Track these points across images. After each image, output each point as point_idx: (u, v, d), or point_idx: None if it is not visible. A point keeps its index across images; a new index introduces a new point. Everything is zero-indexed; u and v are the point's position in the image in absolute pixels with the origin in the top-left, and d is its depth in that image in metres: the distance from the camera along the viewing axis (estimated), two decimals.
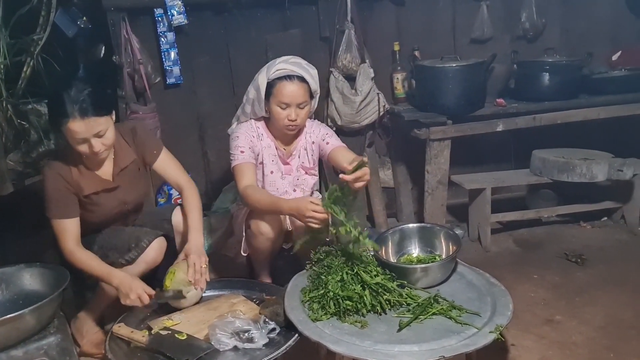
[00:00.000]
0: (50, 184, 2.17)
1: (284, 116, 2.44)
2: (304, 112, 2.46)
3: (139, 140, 2.37)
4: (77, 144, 2.09)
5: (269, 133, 2.58)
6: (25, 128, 4.73)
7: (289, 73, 2.43)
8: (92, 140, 2.08)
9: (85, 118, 2.03)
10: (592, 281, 2.75)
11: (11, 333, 1.69)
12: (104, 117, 2.09)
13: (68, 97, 2.02)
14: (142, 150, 2.38)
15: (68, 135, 2.07)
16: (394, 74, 3.51)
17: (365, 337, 1.88)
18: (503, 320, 1.92)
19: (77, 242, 2.18)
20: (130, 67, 3.23)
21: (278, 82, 2.43)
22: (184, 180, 2.42)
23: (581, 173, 3.12)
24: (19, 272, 1.99)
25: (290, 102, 2.42)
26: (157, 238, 2.30)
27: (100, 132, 2.09)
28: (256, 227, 2.39)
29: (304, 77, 2.44)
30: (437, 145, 3.09)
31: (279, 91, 2.42)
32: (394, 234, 2.41)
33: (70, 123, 2.02)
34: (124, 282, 2.10)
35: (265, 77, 2.46)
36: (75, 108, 2.01)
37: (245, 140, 2.51)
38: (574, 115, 3.20)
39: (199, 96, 3.47)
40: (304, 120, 2.51)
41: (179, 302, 2.18)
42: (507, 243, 3.29)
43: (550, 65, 3.21)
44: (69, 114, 2.01)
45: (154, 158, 2.40)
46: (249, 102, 2.55)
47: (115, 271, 2.16)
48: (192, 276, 2.17)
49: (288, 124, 2.46)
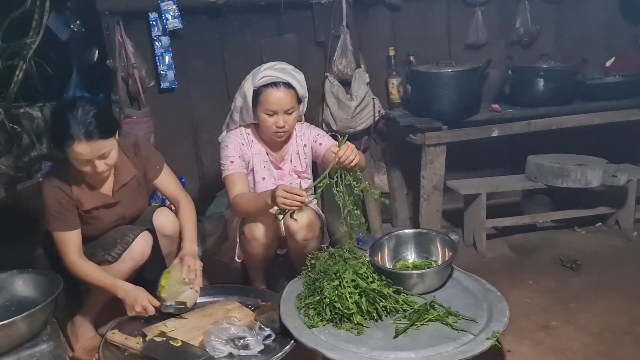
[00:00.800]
0: (50, 197, 2.14)
1: (272, 123, 2.43)
2: (291, 117, 2.45)
3: (143, 155, 2.35)
4: (81, 165, 2.07)
5: (259, 139, 2.57)
6: (17, 132, 4.70)
7: (274, 80, 2.41)
8: (95, 162, 2.06)
9: (91, 141, 2.00)
10: (587, 287, 2.75)
11: (3, 340, 1.67)
12: (109, 140, 2.07)
13: (74, 118, 1.99)
14: (144, 166, 2.36)
15: (72, 155, 2.05)
16: (389, 79, 3.52)
17: (361, 343, 1.87)
18: (499, 327, 1.91)
19: (79, 253, 2.17)
20: (124, 71, 3.21)
21: (264, 89, 2.41)
22: (182, 195, 2.42)
23: (576, 179, 3.12)
24: (11, 278, 1.96)
25: (277, 109, 2.40)
26: (142, 233, 2.28)
27: (104, 153, 2.07)
28: (250, 232, 2.37)
29: (290, 83, 2.42)
30: (433, 151, 3.08)
31: (265, 99, 2.40)
32: (389, 239, 2.40)
33: (76, 145, 1.99)
34: (129, 294, 2.10)
35: (251, 85, 2.44)
36: (81, 130, 1.98)
37: (234, 150, 2.49)
38: (568, 121, 3.20)
39: (193, 100, 3.45)
40: (292, 127, 2.50)
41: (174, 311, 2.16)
42: (502, 248, 3.29)
43: (545, 71, 3.22)
44: (74, 136, 1.98)
45: (156, 174, 2.39)
46: (237, 109, 2.53)
47: (120, 282, 2.15)
48: (187, 274, 2.16)
49: (276, 131, 2.44)
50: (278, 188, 2.15)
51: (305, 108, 2.60)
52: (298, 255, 2.46)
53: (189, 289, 2.16)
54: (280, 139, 2.49)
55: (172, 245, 2.42)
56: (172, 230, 2.38)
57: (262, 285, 2.61)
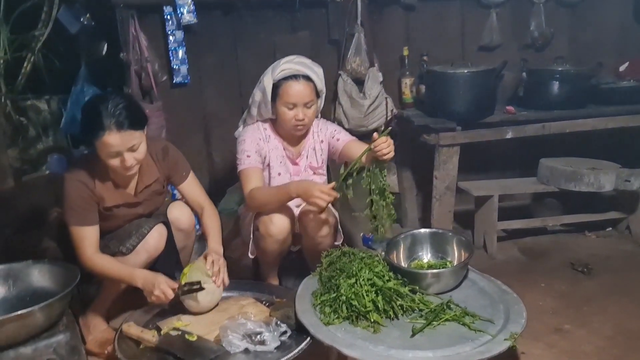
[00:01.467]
0: (72, 191, 2.13)
1: (291, 116, 2.42)
2: (311, 111, 2.44)
3: (171, 160, 2.35)
4: (110, 158, 2.06)
5: (277, 134, 2.56)
6: (23, 124, 4.69)
7: (294, 73, 2.41)
8: (125, 154, 2.06)
9: (122, 131, 2.01)
10: (599, 291, 2.74)
11: (20, 330, 1.66)
12: (139, 131, 2.08)
13: (105, 109, 2.00)
14: (171, 171, 2.36)
15: (101, 148, 2.04)
16: (403, 79, 3.51)
17: (378, 342, 1.86)
18: (517, 328, 1.90)
19: (96, 249, 2.15)
20: (137, 64, 3.21)
21: (284, 82, 2.41)
22: (207, 202, 2.42)
23: (589, 182, 3.12)
24: (27, 269, 1.95)
25: (297, 102, 2.40)
26: (157, 225, 2.27)
27: (134, 146, 2.07)
28: (265, 229, 2.36)
29: (310, 76, 2.42)
30: (446, 151, 3.07)
31: (285, 92, 2.40)
32: (405, 238, 2.39)
33: (107, 136, 2.00)
34: (147, 280, 2.08)
35: (270, 79, 2.44)
36: (112, 121, 2.00)
37: (251, 144, 2.48)
38: (582, 124, 3.20)
39: (205, 96, 3.45)
40: (311, 120, 2.49)
41: (197, 300, 2.12)
42: (513, 251, 3.28)
43: (560, 74, 3.22)
44: (105, 127, 1.99)
45: (182, 180, 2.39)
46: (255, 104, 2.53)
47: (137, 270, 2.13)
48: (211, 268, 2.15)
49: (296, 124, 2.43)
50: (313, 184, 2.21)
51: (322, 103, 2.60)
52: (312, 252, 2.45)
53: (211, 282, 2.13)
54: (299, 132, 2.48)
55: (187, 239, 2.41)
56: (187, 224, 2.37)
57: (274, 281, 2.60)
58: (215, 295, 2.18)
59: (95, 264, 2.12)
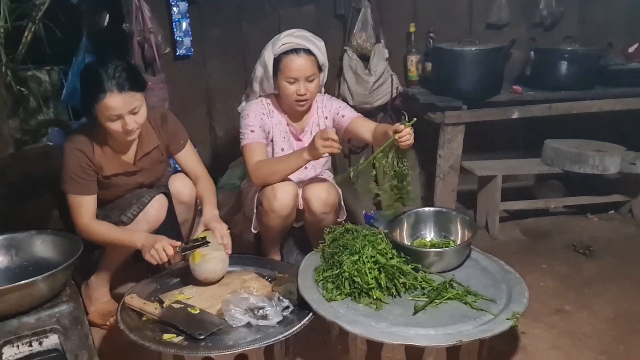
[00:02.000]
0: (71, 159, 2.12)
1: (293, 91, 2.39)
2: (313, 85, 2.40)
3: (170, 128, 2.33)
4: (111, 122, 2.04)
5: (280, 110, 2.53)
6: (24, 95, 4.64)
7: (294, 47, 2.37)
8: (126, 118, 2.03)
9: (123, 92, 1.99)
10: (600, 273, 2.75)
11: (23, 300, 1.65)
12: (139, 93, 2.06)
13: (105, 72, 1.98)
14: (169, 139, 2.34)
15: (102, 111, 2.02)
16: (409, 56, 3.47)
17: (380, 318, 1.86)
18: (519, 308, 1.90)
19: (93, 216, 2.15)
20: (140, 35, 3.16)
21: (284, 56, 2.37)
22: (202, 171, 2.40)
23: (593, 165, 3.10)
24: (30, 239, 1.94)
25: (298, 76, 2.36)
26: (158, 195, 2.25)
27: (135, 108, 2.05)
28: (268, 204, 2.34)
29: (311, 49, 2.38)
30: (451, 130, 3.05)
31: (286, 66, 2.36)
32: (409, 216, 2.38)
33: (108, 98, 1.98)
34: (147, 239, 2.07)
35: (271, 53, 2.40)
36: (113, 83, 1.97)
37: (255, 119, 2.45)
38: (590, 105, 3.17)
39: (209, 69, 3.41)
40: (314, 94, 2.45)
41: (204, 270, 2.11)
42: (514, 232, 3.28)
43: (569, 54, 3.17)
44: (106, 89, 1.97)
45: (180, 148, 2.37)
46: (257, 80, 2.49)
47: (137, 232, 2.13)
48: (221, 239, 2.13)
49: (297, 99, 2.40)
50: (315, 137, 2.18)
51: (325, 77, 2.56)
52: (314, 228, 2.44)
53: (223, 253, 2.13)
54: (302, 107, 2.45)
55: (188, 212, 2.40)
56: (188, 197, 2.36)
57: (276, 257, 2.60)
58: (226, 264, 2.18)
59: (93, 230, 2.11)
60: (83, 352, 1.77)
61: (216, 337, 1.83)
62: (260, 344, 1.79)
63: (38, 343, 1.70)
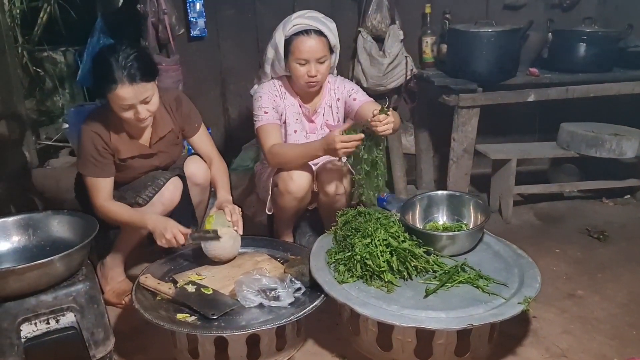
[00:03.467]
0: (88, 141, 2.14)
1: (304, 73, 2.37)
2: (324, 67, 2.39)
3: (184, 111, 2.34)
4: (123, 111, 2.06)
5: (292, 91, 2.52)
6: (40, 76, 4.68)
7: (305, 28, 2.35)
8: (138, 107, 2.05)
9: (134, 84, 2.00)
10: (614, 258, 2.73)
11: (42, 278, 1.68)
12: (150, 83, 2.06)
13: (116, 62, 1.98)
14: (184, 122, 2.35)
15: (114, 101, 2.03)
16: (424, 38, 3.42)
17: (391, 301, 1.88)
18: (531, 292, 1.90)
19: (109, 197, 2.18)
20: (154, 16, 3.15)
21: (295, 38, 2.36)
22: (215, 154, 2.42)
23: (610, 149, 3.06)
24: (47, 219, 1.97)
25: (308, 57, 2.35)
26: (173, 178, 2.27)
27: (147, 98, 2.05)
28: (284, 185, 2.35)
29: (322, 30, 2.36)
30: (466, 113, 3.02)
31: (297, 47, 2.35)
32: (422, 199, 2.38)
33: (119, 89, 1.99)
34: (158, 223, 2.09)
35: (282, 34, 2.39)
36: (124, 73, 1.98)
37: (268, 101, 2.45)
38: (608, 89, 3.11)
39: (222, 50, 3.40)
40: (324, 76, 2.44)
41: (215, 247, 2.15)
42: (528, 216, 3.26)
43: (587, 36, 3.11)
44: (117, 80, 1.98)
45: (194, 132, 2.38)
46: (268, 62, 2.49)
47: (148, 214, 2.16)
48: (230, 217, 2.16)
49: (309, 81, 2.39)
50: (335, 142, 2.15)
51: (337, 59, 2.54)
52: (328, 210, 2.45)
53: (232, 230, 2.16)
54: (313, 88, 2.44)
55: (202, 194, 2.42)
56: (203, 179, 2.37)
57: (289, 239, 2.61)
58: (236, 242, 2.20)
59: (107, 210, 2.15)
60: (99, 330, 1.80)
61: (229, 317, 1.86)
62: (272, 325, 1.81)
63: (55, 321, 1.73)
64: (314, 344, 2.08)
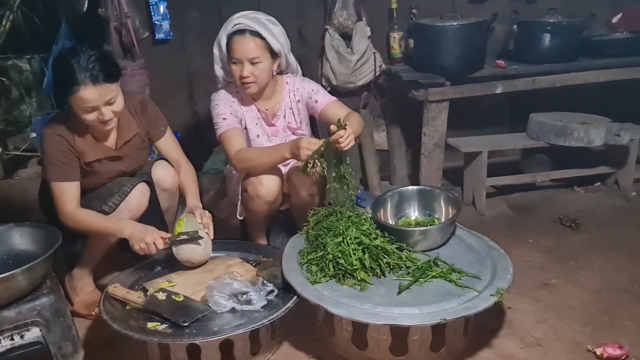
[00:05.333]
0: (52, 145, 2.08)
1: (237, 73, 2.34)
2: (258, 69, 2.33)
3: (150, 115, 2.30)
4: (86, 113, 2.01)
5: (248, 96, 2.48)
6: (5, 85, 4.57)
7: (242, 27, 2.32)
8: (102, 109, 2.00)
9: (97, 84, 1.95)
10: (586, 246, 2.76)
11: (3, 293, 1.64)
12: (114, 84, 2.02)
13: (77, 64, 1.93)
14: (149, 125, 2.31)
15: (77, 104, 1.98)
16: (391, 33, 3.42)
17: (365, 299, 1.87)
18: (504, 284, 1.91)
19: (77, 203, 2.11)
20: (117, 20, 3.09)
21: (231, 38, 2.34)
22: (183, 158, 2.39)
23: (579, 137, 3.09)
24: (8, 231, 1.92)
25: (241, 57, 2.31)
26: (139, 184, 2.23)
27: (111, 99, 2.01)
28: (254, 190, 2.32)
29: (259, 32, 2.31)
30: (435, 107, 3.02)
31: (231, 47, 2.33)
32: (392, 196, 2.37)
33: (82, 91, 1.94)
34: (136, 229, 2.05)
35: (224, 34, 2.37)
36: (87, 75, 1.93)
37: (225, 107, 2.42)
38: (573, 78, 3.15)
39: (188, 53, 3.35)
40: (260, 78, 2.36)
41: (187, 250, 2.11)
42: (501, 207, 3.28)
43: (552, 26, 3.13)
44: (79, 82, 1.93)
45: (160, 135, 2.35)
46: (216, 61, 2.46)
47: (125, 221, 2.11)
48: (201, 219, 2.14)
49: (241, 82, 2.35)
50: (301, 141, 2.15)
51: (286, 63, 2.48)
52: (300, 211, 2.42)
53: (204, 233, 2.13)
54: (249, 90, 2.38)
55: (171, 199, 2.38)
56: (171, 184, 2.33)
57: (262, 241, 2.58)
58: (209, 246, 2.17)
59: (78, 218, 2.08)
60: (67, 343, 1.76)
61: (201, 323, 1.83)
62: (245, 329, 1.79)
63: (20, 336, 1.68)
64: (289, 346, 2.06)
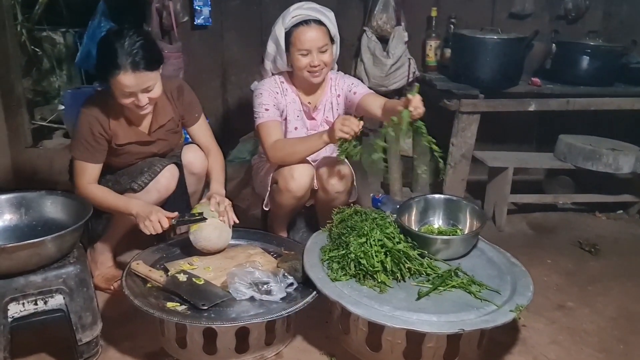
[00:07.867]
0: (85, 125, 2.11)
1: (306, 64, 2.35)
2: (326, 56, 2.36)
3: (185, 100, 2.31)
4: (123, 97, 2.03)
5: (293, 87, 2.50)
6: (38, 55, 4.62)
7: (305, 18, 2.33)
8: (139, 95, 2.02)
9: (137, 72, 1.97)
10: (605, 272, 2.73)
11: (32, 258, 1.66)
12: (154, 72, 2.03)
13: (121, 48, 1.95)
14: (184, 111, 2.33)
15: (115, 87, 2.01)
16: (428, 41, 3.42)
17: (384, 302, 1.87)
18: (524, 301, 1.90)
19: (92, 181, 2.15)
20: (158, 2, 3.14)
21: (295, 29, 2.34)
22: (214, 145, 2.40)
23: (607, 163, 3.07)
24: (40, 199, 1.94)
25: (310, 47, 2.32)
26: (169, 165, 2.24)
27: (149, 87, 2.03)
28: (284, 183, 2.32)
29: (321, 20, 2.34)
30: (466, 119, 3.02)
31: (297, 38, 2.33)
32: (418, 202, 2.38)
33: (121, 76, 1.96)
34: (142, 208, 2.07)
35: (282, 27, 2.37)
36: (128, 60, 1.95)
37: (269, 97, 2.42)
38: (608, 103, 3.13)
39: (226, 41, 3.38)
40: (328, 65, 2.40)
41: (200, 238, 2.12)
42: (521, 225, 3.26)
43: (591, 49, 3.12)
44: (120, 66, 1.95)
45: (194, 121, 2.36)
46: (269, 57, 2.46)
47: (133, 200, 2.13)
48: (216, 207, 2.15)
49: (311, 71, 2.37)
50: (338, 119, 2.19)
51: (338, 50, 2.51)
52: (325, 207, 2.43)
53: (218, 222, 2.14)
54: (317, 79, 2.40)
55: (199, 183, 2.40)
56: (200, 168, 2.35)
57: (283, 234, 2.59)
58: (223, 232, 2.17)
59: (90, 192, 2.11)
60: (87, 314, 1.78)
61: (219, 308, 1.85)
62: (263, 319, 1.80)
63: (43, 302, 1.71)
64: (302, 341, 2.07)
